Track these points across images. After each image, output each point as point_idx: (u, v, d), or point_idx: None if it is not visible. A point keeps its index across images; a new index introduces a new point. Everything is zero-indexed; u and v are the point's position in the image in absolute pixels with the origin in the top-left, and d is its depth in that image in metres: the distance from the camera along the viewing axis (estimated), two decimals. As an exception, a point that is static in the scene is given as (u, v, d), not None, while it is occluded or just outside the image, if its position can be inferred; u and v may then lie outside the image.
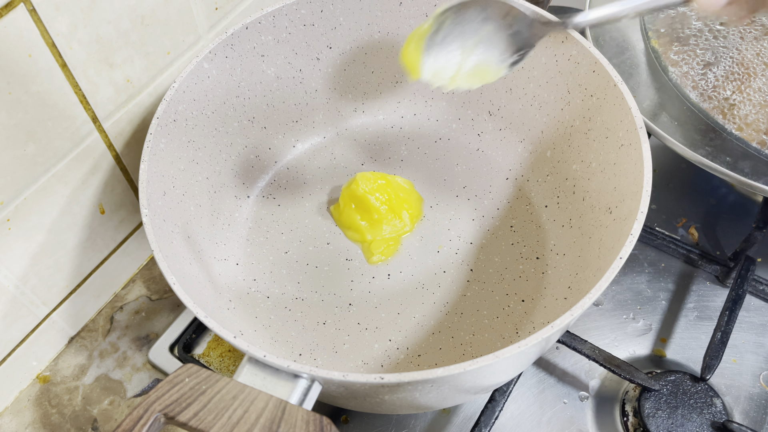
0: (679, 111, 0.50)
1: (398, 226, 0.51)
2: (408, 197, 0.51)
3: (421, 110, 0.57)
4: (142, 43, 0.44)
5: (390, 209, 0.50)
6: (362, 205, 0.50)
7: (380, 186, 0.50)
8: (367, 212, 0.50)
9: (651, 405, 0.45)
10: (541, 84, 0.50)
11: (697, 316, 0.51)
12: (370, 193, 0.49)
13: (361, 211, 0.50)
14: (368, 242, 0.50)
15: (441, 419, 0.46)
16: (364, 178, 0.50)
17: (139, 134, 0.48)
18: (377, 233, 0.50)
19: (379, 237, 0.50)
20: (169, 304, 0.53)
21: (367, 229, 0.50)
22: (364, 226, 0.50)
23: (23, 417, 0.48)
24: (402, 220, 0.51)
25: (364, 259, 0.50)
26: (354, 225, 0.51)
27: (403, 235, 0.51)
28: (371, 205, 0.50)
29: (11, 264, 0.43)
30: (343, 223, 0.51)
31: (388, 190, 0.50)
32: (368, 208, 0.50)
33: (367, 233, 0.50)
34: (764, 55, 0.51)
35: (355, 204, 0.50)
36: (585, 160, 0.47)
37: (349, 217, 0.51)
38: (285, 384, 0.32)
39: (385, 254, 0.50)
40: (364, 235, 0.50)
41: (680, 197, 0.58)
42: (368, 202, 0.50)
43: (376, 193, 0.50)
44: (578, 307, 0.33)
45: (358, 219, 0.50)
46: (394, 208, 0.50)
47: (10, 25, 0.35)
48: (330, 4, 0.50)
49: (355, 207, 0.50)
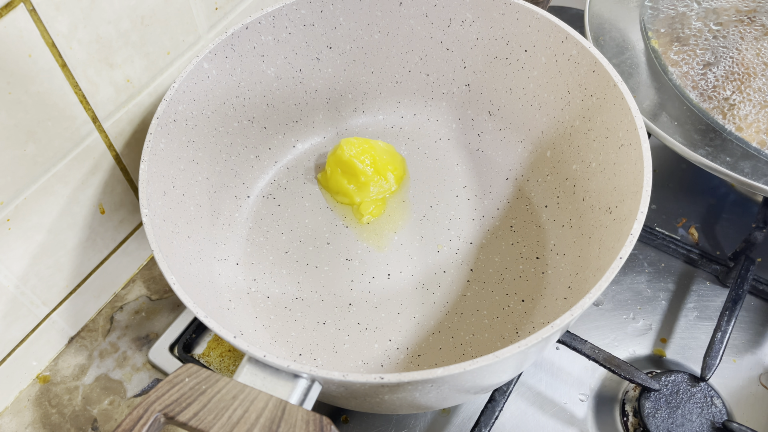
0: (679, 111, 0.50)
1: (384, 186, 0.53)
2: (391, 159, 0.54)
3: (421, 110, 0.57)
4: (142, 43, 0.44)
5: (375, 171, 0.52)
6: (349, 170, 0.52)
7: (364, 149, 0.52)
8: (354, 176, 0.52)
9: (651, 405, 0.45)
10: (541, 84, 0.50)
11: (697, 316, 0.51)
12: (355, 157, 0.52)
13: (348, 176, 0.52)
14: (357, 204, 0.53)
15: (441, 419, 0.46)
16: (349, 143, 0.52)
17: (139, 134, 0.48)
18: (365, 195, 0.52)
19: (367, 198, 0.52)
20: (169, 304, 0.53)
21: (355, 192, 0.52)
22: (352, 189, 0.52)
23: (23, 417, 0.48)
24: (387, 180, 0.53)
25: (364, 259, 0.50)
26: (342, 189, 0.53)
27: (389, 195, 0.53)
28: (357, 168, 0.52)
29: (11, 264, 0.43)
30: (331, 188, 0.53)
31: (372, 153, 0.52)
32: (355, 171, 0.52)
33: (355, 196, 0.52)
34: (764, 55, 0.51)
35: (341, 169, 0.52)
36: (585, 160, 0.47)
37: (337, 182, 0.53)
38: (285, 384, 0.32)
39: (373, 214, 0.52)
40: (353, 198, 0.52)
41: (680, 197, 0.58)
42: (354, 165, 0.52)
43: (361, 157, 0.52)
44: (578, 307, 0.33)
45: (346, 183, 0.52)
46: (379, 169, 0.53)
47: (10, 25, 0.35)
48: (330, 4, 0.50)
49: (342, 172, 0.52)
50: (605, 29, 0.56)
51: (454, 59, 0.54)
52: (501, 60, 0.51)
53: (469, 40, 0.52)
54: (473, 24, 0.51)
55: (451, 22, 0.52)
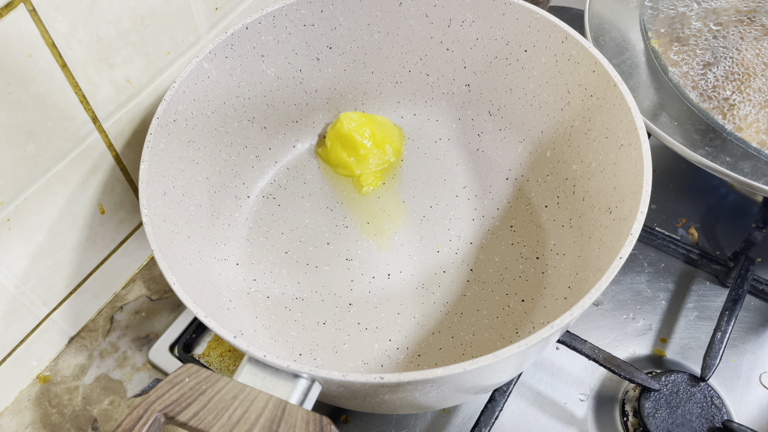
0: (679, 111, 0.50)
1: (383, 158, 0.55)
2: (390, 132, 0.55)
3: (421, 110, 0.57)
4: (142, 43, 0.44)
5: (374, 144, 0.54)
6: (349, 143, 0.53)
7: (363, 123, 0.54)
8: (354, 149, 0.53)
9: (651, 405, 0.45)
10: (541, 84, 0.50)
11: (697, 316, 0.51)
12: (354, 130, 0.53)
13: (348, 149, 0.54)
14: (357, 176, 0.54)
15: (441, 419, 0.46)
16: (348, 117, 0.53)
17: (139, 134, 0.48)
18: (365, 167, 0.54)
19: (367, 170, 0.54)
20: (169, 304, 0.53)
21: (355, 164, 0.54)
22: (352, 161, 0.54)
23: (23, 417, 0.48)
24: (386, 152, 0.55)
25: (364, 259, 0.50)
26: (342, 162, 0.54)
27: (388, 167, 0.54)
28: (357, 141, 0.53)
29: (11, 264, 0.43)
30: (332, 161, 0.55)
31: (371, 126, 0.54)
32: (354, 144, 0.53)
33: (355, 168, 0.54)
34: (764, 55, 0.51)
35: (341, 143, 0.54)
36: (585, 160, 0.47)
37: (337, 156, 0.54)
38: (285, 384, 0.32)
39: (373, 185, 0.54)
40: (353, 170, 0.54)
41: (680, 197, 0.58)
42: (354, 139, 0.53)
43: (360, 130, 0.53)
44: (578, 307, 0.33)
45: (346, 156, 0.54)
46: (377, 142, 0.54)
47: (10, 25, 0.35)
48: (330, 4, 0.50)
49: (342, 145, 0.54)
50: (605, 29, 0.56)
51: (454, 59, 0.54)
52: (501, 60, 0.51)
53: (469, 40, 0.52)
54: (473, 24, 0.51)
55: (451, 22, 0.52)
